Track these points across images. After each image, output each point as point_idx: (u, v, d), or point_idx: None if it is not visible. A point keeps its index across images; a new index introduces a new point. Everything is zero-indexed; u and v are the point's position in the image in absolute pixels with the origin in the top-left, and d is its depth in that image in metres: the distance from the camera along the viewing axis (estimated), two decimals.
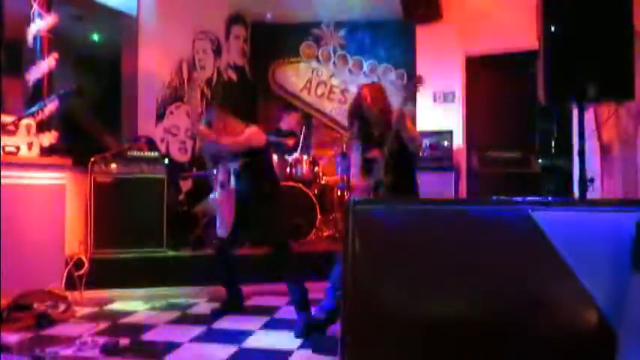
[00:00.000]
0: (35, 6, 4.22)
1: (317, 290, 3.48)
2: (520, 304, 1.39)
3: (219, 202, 3.59)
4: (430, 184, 3.39)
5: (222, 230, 3.57)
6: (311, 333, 3.18)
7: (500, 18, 5.69)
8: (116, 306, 3.99)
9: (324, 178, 5.78)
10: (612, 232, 1.38)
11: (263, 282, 4.34)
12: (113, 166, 4.48)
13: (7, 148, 3.76)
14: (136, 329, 3.36)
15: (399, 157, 3.18)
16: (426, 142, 5.74)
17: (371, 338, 1.43)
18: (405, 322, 1.42)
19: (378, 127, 3.30)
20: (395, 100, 3.41)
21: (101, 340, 3.04)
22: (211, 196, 3.65)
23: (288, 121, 5.81)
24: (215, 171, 3.82)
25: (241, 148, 3.51)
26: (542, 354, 1.37)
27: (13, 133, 3.80)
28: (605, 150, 4.19)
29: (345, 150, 5.83)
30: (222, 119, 3.61)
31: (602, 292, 1.35)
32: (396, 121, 3.10)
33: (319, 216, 5.06)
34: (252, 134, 3.54)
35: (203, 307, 3.98)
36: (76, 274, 4.08)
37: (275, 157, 5.15)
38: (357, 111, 3.37)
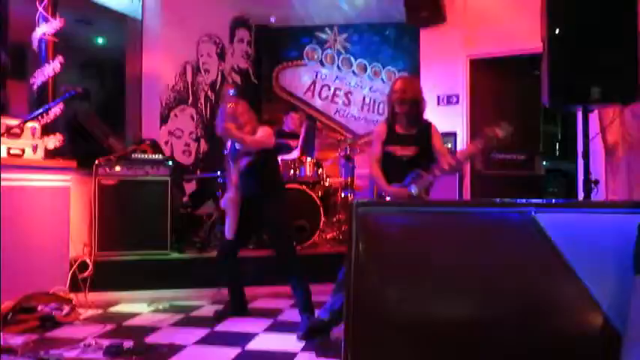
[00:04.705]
0: (40, 10, 4.24)
1: (320, 292, 3.48)
2: (523, 306, 1.39)
3: (230, 203, 3.56)
4: (434, 186, 3.36)
5: (229, 233, 3.55)
6: (314, 335, 3.18)
7: (504, 20, 5.68)
8: (120, 308, 4.00)
9: (327, 180, 5.78)
10: (616, 235, 1.37)
11: (266, 284, 4.35)
12: (117, 168, 4.49)
13: (12, 151, 3.78)
14: (140, 331, 3.36)
15: (419, 158, 3.20)
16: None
17: (374, 340, 1.43)
18: (409, 324, 1.42)
19: (408, 124, 3.24)
20: None
21: (105, 342, 3.04)
22: (227, 195, 3.62)
23: (290, 122, 5.83)
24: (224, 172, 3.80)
25: (257, 147, 3.48)
26: (545, 356, 1.36)
27: (18, 135, 3.81)
28: (609, 152, 4.18)
29: (349, 152, 5.83)
30: (246, 113, 3.57)
31: (606, 295, 1.34)
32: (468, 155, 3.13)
33: (323, 218, 5.06)
34: (268, 134, 3.53)
35: (207, 309, 3.98)
36: (80, 276, 4.09)
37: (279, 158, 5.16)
38: (388, 103, 3.30)
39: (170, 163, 4.77)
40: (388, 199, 3.16)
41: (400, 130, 3.26)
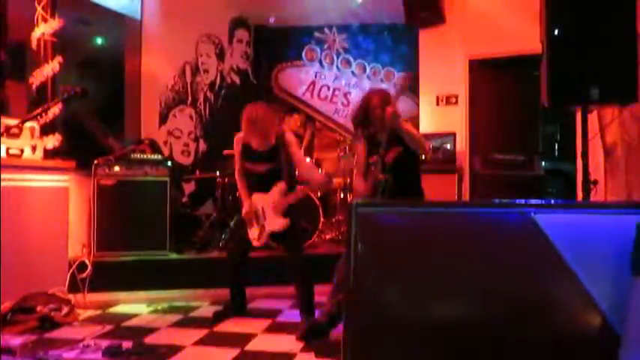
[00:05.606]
0: (39, 10, 4.24)
1: (320, 293, 3.48)
2: (522, 307, 1.39)
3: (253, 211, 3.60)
4: (433, 187, 3.38)
5: (262, 242, 3.57)
6: (314, 336, 3.17)
7: (504, 21, 5.69)
8: (119, 309, 4.00)
9: None
10: (615, 235, 1.37)
11: (265, 285, 4.35)
12: (116, 168, 4.49)
13: (11, 151, 3.77)
14: (139, 332, 3.36)
15: (401, 159, 3.18)
16: (430, 144, 5.74)
17: (373, 341, 1.43)
18: (408, 324, 1.42)
19: (383, 130, 3.28)
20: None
21: (104, 342, 3.04)
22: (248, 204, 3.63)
23: (292, 123, 5.83)
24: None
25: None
26: (544, 357, 1.36)
27: (17, 135, 3.81)
28: (608, 152, 4.18)
29: (348, 152, 5.83)
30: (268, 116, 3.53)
31: (605, 296, 1.34)
32: (389, 120, 3.05)
33: (322, 219, 5.06)
34: (298, 145, 3.63)
35: (206, 309, 3.98)
36: (79, 276, 4.08)
37: None
38: (363, 116, 3.34)
39: (169, 163, 4.77)
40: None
41: (378, 139, 3.29)
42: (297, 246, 3.59)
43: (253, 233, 3.57)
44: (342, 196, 5.90)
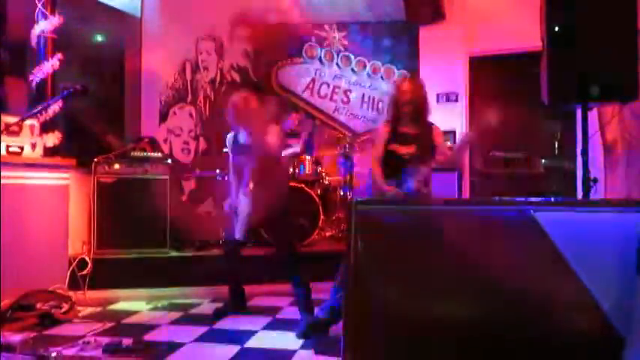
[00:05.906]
0: (39, 7, 4.23)
1: (319, 290, 3.48)
2: (522, 306, 1.39)
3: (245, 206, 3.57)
4: (433, 185, 3.40)
5: (240, 234, 3.56)
6: (313, 333, 3.18)
7: (504, 18, 5.68)
8: (119, 306, 4.00)
9: (327, 178, 5.78)
10: (615, 233, 1.37)
11: (266, 282, 4.35)
12: (116, 166, 4.49)
13: (11, 149, 3.77)
14: (139, 329, 3.37)
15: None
16: None
17: (372, 338, 1.43)
18: (407, 322, 1.42)
19: (412, 124, 3.30)
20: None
21: (104, 340, 3.04)
22: (235, 200, 3.61)
23: (290, 122, 5.82)
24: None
25: (262, 151, 3.48)
26: (545, 356, 1.36)
27: (16, 133, 3.81)
28: (608, 150, 4.18)
29: (347, 150, 5.83)
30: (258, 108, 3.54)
31: (605, 294, 1.34)
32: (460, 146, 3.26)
33: (322, 216, 5.06)
34: (278, 135, 3.55)
35: (206, 307, 3.98)
36: (79, 274, 4.09)
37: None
38: (394, 103, 3.35)
39: (169, 161, 4.77)
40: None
41: (403, 129, 3.31)
42: (286, 242, 3.56)
43: (237, 227, 3.58)
44: (341, 193, 5.90)
